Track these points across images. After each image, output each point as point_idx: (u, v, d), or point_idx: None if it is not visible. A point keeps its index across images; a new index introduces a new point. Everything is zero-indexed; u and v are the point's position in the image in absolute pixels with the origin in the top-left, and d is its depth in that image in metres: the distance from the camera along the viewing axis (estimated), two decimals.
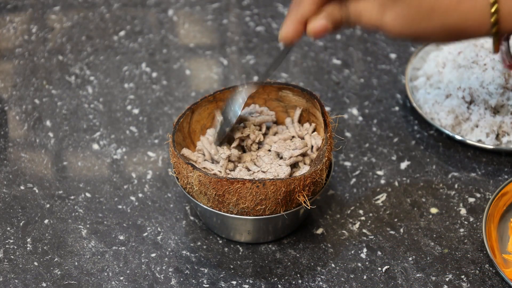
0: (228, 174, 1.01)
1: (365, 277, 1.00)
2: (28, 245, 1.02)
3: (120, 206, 1.07)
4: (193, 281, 0.99)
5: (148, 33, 1.33)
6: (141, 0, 1.39)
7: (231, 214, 0.97)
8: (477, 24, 0.90)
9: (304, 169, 1.00)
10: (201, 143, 1.05)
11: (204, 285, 0.99)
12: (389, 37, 1.09)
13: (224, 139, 1.04)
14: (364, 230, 1.05)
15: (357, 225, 1.05)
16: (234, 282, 0.99)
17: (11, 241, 1.03)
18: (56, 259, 1.01)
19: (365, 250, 1.02)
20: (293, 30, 0.93)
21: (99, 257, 1.01)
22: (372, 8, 0.91)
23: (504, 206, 1.05)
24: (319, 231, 1.05)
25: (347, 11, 0.92)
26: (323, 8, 0.92)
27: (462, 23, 0.90)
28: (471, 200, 1.08)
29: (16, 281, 0.99)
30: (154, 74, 1.26)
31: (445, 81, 1.17)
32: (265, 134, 1.06)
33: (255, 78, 1.25)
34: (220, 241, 1.03)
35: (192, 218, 1.06)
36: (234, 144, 1.04)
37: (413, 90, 1.20)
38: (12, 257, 1.01)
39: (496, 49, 0.93)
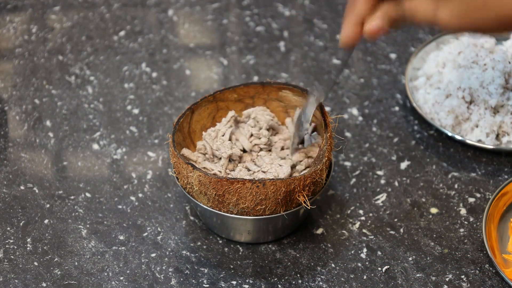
0: (228, 174, 1.01)
1: (365, 277, 1.00)
2: (28, 245, 1.02)
3: (120, 206, 1.07)
4: (193, 281, 0.99)
5: (148, 33, 1.33)
6: (141, 0, 1.39)
7: (231, 214, 0.97)
8: None
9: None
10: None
11: (204, 285, 0.99)
12: (445, 31, 1.10)
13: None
14: (364, 230, 1.04)
15: (357, 225, 1.05)
16: (234, 282, 0.99)
17: (11, 241, 1.03)
18: (56, 259, 1.01)
19: (365, 250, 1.02)
20: (351, 33, 0.92)
21: (99, 257, 1.01)
22: (427, 4, 0.90)
23: (504, 206, 1.05)
24: (319, 231, 1.05)
25: (402, 9, 0.92)
26: (378, 7, 0.92)
27: None
28: (471, 200, 1.08)
29: (16, 281, 0.99)
30: (154, 74, 1.26)
31: (445, 81, 1.17)
32: None
33: (254, 78, 1.25)
34: (220, 241, 1.03)
35: (192, 218, 1.06)
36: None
37: (413, 90, 1.19)
38: (12, 257, 1.01)
39: None
